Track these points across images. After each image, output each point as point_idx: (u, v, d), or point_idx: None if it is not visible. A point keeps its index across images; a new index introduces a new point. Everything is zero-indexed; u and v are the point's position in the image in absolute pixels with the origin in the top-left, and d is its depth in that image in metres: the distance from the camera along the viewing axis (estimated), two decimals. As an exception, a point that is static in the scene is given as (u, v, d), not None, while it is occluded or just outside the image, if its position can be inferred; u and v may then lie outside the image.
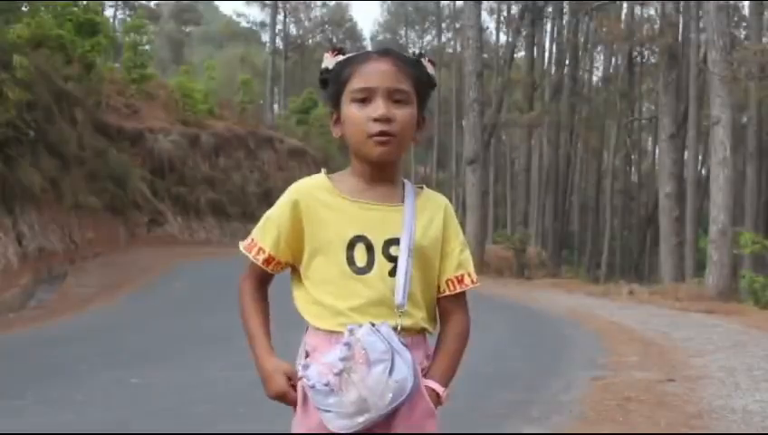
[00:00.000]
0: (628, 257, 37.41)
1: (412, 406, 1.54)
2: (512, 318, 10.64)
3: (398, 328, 1.54)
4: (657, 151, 31.42)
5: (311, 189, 1.66)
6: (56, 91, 18.18)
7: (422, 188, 1.71)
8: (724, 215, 14.28)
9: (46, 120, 16.49)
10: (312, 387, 1.51)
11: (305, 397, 1.57)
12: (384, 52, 1.65)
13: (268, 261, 1.69)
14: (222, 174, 26.98)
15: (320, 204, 1.63)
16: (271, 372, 1.62)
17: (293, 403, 1.60)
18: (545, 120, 30.01)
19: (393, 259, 1.59)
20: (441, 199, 1.70)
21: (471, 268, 1.67)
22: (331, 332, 1.57)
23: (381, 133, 1.58)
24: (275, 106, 45.53)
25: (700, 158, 28.88)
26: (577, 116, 32.74)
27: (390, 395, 1.47)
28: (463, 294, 1.67)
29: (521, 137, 32.53)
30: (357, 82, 1.60)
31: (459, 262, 1.65)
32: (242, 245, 1.74)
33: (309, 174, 1.76)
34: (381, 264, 1.58)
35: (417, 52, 1.71)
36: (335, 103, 1.65)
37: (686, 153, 25.45)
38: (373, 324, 1.52)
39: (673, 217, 19.11)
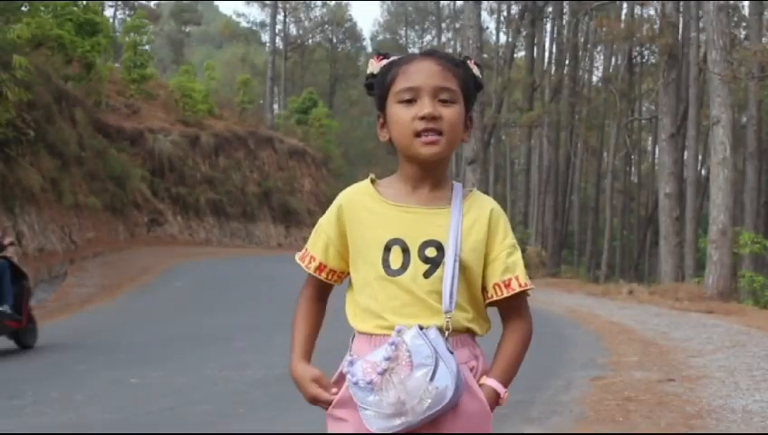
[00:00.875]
0: (628, 257, 37.40)
1: (458, 412, 1.53)
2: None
3: (447, 334, 1.54)
4: (657, 151, 31.40)
5: (355, 195, 1.67)
6: (56, 91, 18.19)
7: (471, 190, 1.69)
8: (724, 215, 14.27)
9: (46, 120, 16.50)
10: (356, 384, 1.51)
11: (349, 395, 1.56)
12: (429, 52, 1.65)
13: (320, 269, 1.68)
14: (222, 174, 27.00)
15: (361, 208, 1.64)
16: (298, 379, 1.65)
17: (329, 404, 1.60)
18: (545, 120, 30.00)
19: (429, 261, 1.58)
20: (488, 202, 1.67)
21: (520, 271, 1.63)
22: (371, 334, 1.58)
23: (427, 131, 1.57)
24: (275, 106, 45.52)
25: (700, 158, 28.87)
26: (577, 116, 32.72)
27: (429, 401, 1.46)
28: (518, 297, 1.64)
29: (521, 137, 32.52)
30: (402, 83, 1.59)
31: (506, 266, 1.62)
32: (297, 255, 1.73)
33: (309, 174, 1.76)
34: (416, 265, 1.58)
35: (462, 54, 1.71)
36: (381, 107, 1.65)
37: (686, 153, 25.44)
38: (422, 327, 1.51)
39: (673, 217, 19.09)
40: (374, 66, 1.66)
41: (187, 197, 24.55)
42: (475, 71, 1.66)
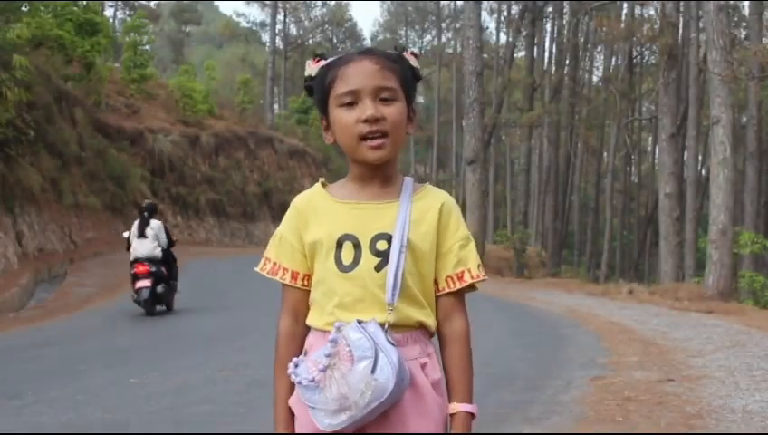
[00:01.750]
0: (628, 257, 37.42)
1: (408, 409, 1.52)
2: (511, 318, 10.65)
3: (386, 326, 1.53)
4: (657, 151, 31.40)
5: (307, 198, 1.68)
6: (56, 91, 18.19)
7: (424, 185, 1.68)
8: (724, 215, 14.27)
9: (46, 120, 16.50)
10: (299, 383, 1.51)
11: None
12: (365, 51, 1.63)
13: (294, 277, 1.67)
14: (222, 174, 26.99)
15: (312, 210, 1.65)
16: None
17: None
18: (545, 120, 30.01)
19: (380, 254, 1.58)
20: (440, 196, 1.66)
21: (473, 264, 1.63)
22: (323, 330, 1.58)
23: (372, 133, 1.57)
24: (275, 106, 45.54)
25: (700, 158, 28.88)
26: (577, 116, 32.74)
27: (370, 394, 1.45)
28: (462, 293, 1.64)
29: (521, 137, 32.51)
30: (341, 86, 1.58)
31: (459, 259, 1.62)
32: (264, 271, 1.70)
33: (309, 174, 1.76)
34: (367, 259, 1.58)
35: (397, 47, 1.69)
36: (323, 110, 1.64)
37: (686, 153, 25.45)
38: (360, 322, 1.51)
39: (673, 217, 19.09)
40: (312, 69, 1.65)
41: (187, 197, 24.55)
42: (413, 62, 1.65)
